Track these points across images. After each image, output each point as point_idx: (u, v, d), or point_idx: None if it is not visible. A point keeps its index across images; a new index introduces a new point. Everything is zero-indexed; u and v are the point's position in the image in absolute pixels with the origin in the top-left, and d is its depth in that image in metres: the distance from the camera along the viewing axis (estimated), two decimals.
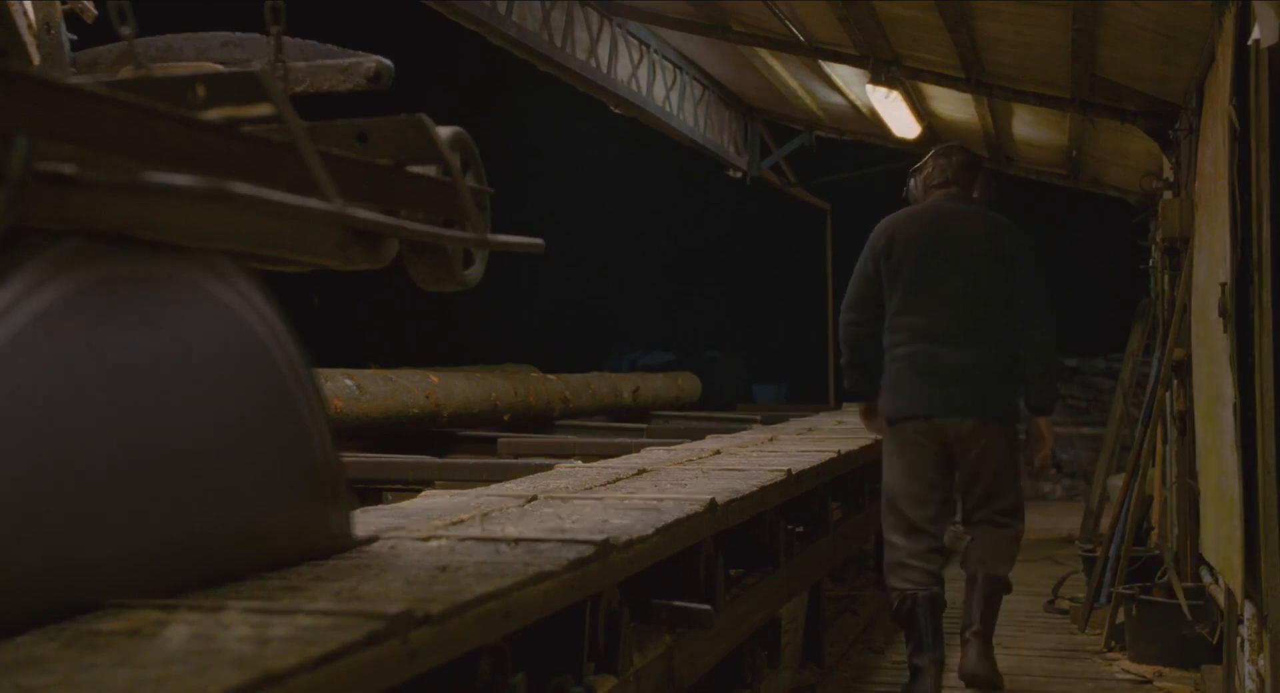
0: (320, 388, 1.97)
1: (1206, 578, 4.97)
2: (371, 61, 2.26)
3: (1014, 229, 4.67)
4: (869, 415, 4.81)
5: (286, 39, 2.12)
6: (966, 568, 4.66)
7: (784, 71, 8.74)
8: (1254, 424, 3.53)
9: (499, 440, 5.56)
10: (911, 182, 4.88)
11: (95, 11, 2.38)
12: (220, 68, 2.13)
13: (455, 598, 1.59)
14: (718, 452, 4.48)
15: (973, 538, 4.66)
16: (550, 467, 3.82)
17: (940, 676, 4.44)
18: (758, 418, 7.47)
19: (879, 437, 4.83)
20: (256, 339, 1.83)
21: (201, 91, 1.55)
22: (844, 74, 8.02)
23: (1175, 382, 5.51)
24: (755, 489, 3.24)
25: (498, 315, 19.03)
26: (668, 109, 8.82)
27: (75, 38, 2.32)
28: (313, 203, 1.55)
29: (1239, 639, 3.94)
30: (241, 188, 1.40)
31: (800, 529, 4.28)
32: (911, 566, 4.49)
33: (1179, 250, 5.50)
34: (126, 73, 1.98)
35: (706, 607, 2.72)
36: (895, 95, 7.39)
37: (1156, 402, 5.88)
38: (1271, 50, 3.32)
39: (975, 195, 4.80)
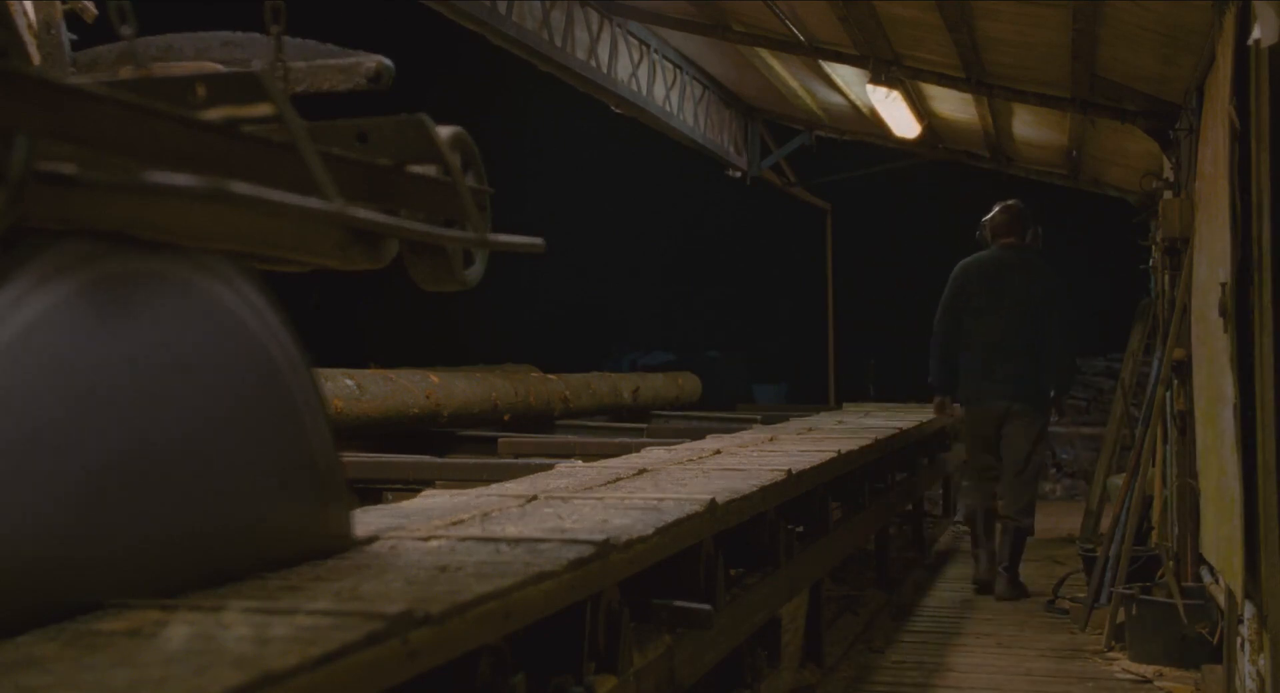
0: (320, 388, 1.97)
1: (1206, 578, 4.97)
2: (371, 61, 2.25)
3: (1053, 274, 6.78)
4: (940, 408, 7.06)
5: (286, 39, 2.11)
6: (1000, 520, 6.74)
7: (784, 71, 8.74)
8: (1254, 424, 3.53)
9: (499, 440, 5.56)
10: (983, 229, 6.97)
11: (95, 11, 2.38)
12: (220, 68, 2.13)
13: (455, 598, 1.59)
14: (718, 452, 4.48)
15: (1005, 497, 6.72)
16: (550, 467, 3.81)
17: (992, 561, 6.77)
18: (758, 418, 7.46)
19: (936, 417, 7.23)
20: (256, 339, 1.83)
21: (201, 91, 1.55)
22: (844, 74, 8.02)
23: (1175, 382, 5.50)
24: (755, 489, 3.24)
25: (498, 315, 19.03)
26: (668, 109, 8.82)
27: (75, 38, 2.31)
28: (313, 203, 1.55)
29: (1239, 639, 3.94)
30: (241, 188, 1.40)
31: (800, 529, 4.28)
32: (976, 490, 6.93)
33: (1179, 250, 5.49)
34: (126, 73, 1.98)
35: (706, 607, 2.72)
36: (895, 95, 7.39)
37: (1156, 402, 5.87)
38: (1271, 50, 3.32)
39: (1028, 240, 6.86)
